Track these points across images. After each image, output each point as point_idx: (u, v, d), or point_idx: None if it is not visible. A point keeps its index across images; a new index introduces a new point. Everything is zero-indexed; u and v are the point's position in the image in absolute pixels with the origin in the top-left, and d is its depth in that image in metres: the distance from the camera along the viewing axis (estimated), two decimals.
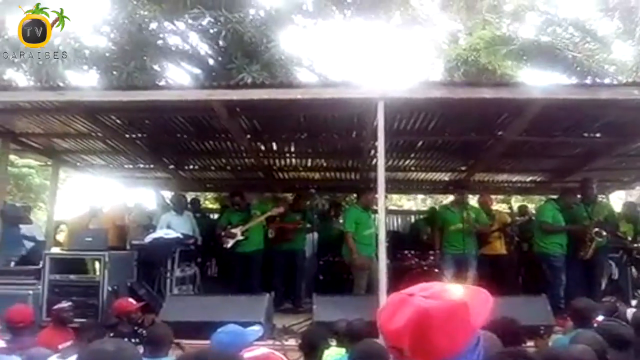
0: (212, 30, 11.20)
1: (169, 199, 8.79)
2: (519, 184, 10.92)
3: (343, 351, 3.67)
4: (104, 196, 14.29)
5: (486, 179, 10.25)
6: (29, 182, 16.54)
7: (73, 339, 4.79)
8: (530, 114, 5.90)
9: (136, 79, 10.36)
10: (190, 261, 7.33)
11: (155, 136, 7.67)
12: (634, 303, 6.46)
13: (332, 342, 4.05)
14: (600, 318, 4.09)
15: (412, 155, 8.64)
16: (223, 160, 9.22)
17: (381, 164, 5.49)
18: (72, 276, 5.99)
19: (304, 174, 10.13)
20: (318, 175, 10.35)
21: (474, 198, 8.95)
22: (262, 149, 8.32)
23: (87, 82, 11.25)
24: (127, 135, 7.55)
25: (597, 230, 6.47)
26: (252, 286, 7.10)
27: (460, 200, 7.26)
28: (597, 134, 7.27)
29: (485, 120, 6.70)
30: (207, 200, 14.47)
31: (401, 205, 18.50)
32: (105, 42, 11.90)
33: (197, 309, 5.48)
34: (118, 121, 6.99)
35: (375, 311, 2.08)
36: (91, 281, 6.00)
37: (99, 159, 9.19)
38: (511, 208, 8.29)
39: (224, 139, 7.68)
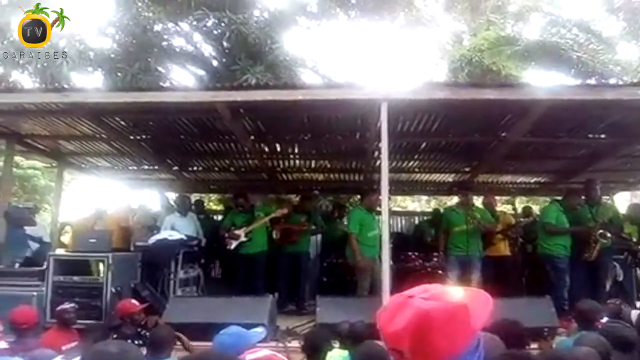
0: (216, 32, 11.24)
1: (173, 201, 8.80)
2: (523, 185, 10.88)
3: (346, 353, 3.67)
4: (108, 198, 14.30)
5: (490, 180, 10.23)
6: (34, 184, 16.57)
7: (77, 340, 4.81)
8: (534, 115, 5.87)
9: (140, 80, 10.39)
10: (193, 263, 7.33)
11: (159, 138, 7.68)
12: (638, 305, 6.42)
13: (335, 344, 4.04)
14: (604, 320, 4.07)
15: (415, 157, 8.62)
16: (227, 161, 9.23)
17: (385, 165, 5.48)
18: (75, 277, 5.99)
19: (307, 175, 10.13)
20: (322, 177, 10.35)
21: (478, 199, 8.93)
22: (266, 150, 8.33)
23: (92, 83, 11.30)
24: (131, 137, 7.57)
25: (601, 231, 6.43)
26: (255, 288, 7.09)
27: (464, 202, 7.25)
28: (602, 135, 7.24)
29: (489, 122, 6.68)
30: (212, 202, 14.49)
31: (405, 206, 18.48)
32: (110, 43, 11.95)
33: (200, 310, 5.47)
34: (122, 123, 7.01)
35: None
36: (95, 282, 6.01)
37: (104, 160, 9.22)
38: (515, 209, 8.25)
39: (227, 140, 7.69)
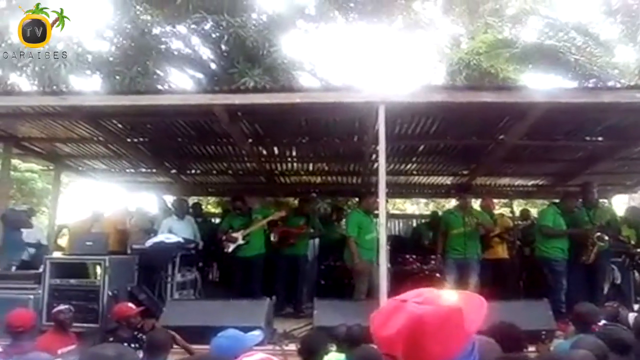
0: (214, 35, 11.24)
1: (170, 204, 8.79)
2: (521, 188, 10.89)
3: (343, 356, 3.65)
4: (105, 201, 14.28)
5: (488, 182, 10.24)
6: (32, 187, 16.54)
7: (75, 344, 4.79)
8: (532, 117, 5.88)
9: (139, 83, 10.38)
10: (191, 266, 7.30)
11: (157, 140, 7.68)
12: (636, 307, 6.42)
13: (332, 347, 4.03)
14: (601, 323, 4.07)
15: (413, 159, 8.63)
16: (225, 164, 9.23)
17: (382, 168, 5.47)
18: (72, 280, 5.97)
19: (305, 178, 10.13)
20: (320, 180, 10.35)
21: (476, 202, 8.92)
22: (264, 153, 8.32)
23: (90, 87, 11.28)
24: (129, 140, 7.57)
25: (599, 234, 6.43)
26: (253, 291, 7.08)
27: (462, 205, 7.24)
28: (599, 138, 7.25)
29: (486, 124, 6.69)
30: (210, 205, 14.48)
31: (404, 209, 18.46)
32: (108, 46, 11.94)
33: (197, 313, 5.46)
34: (120, 126, 7.01)
35: None
36: (91, 285, 5.99)
37: (101, 163, 9.21)
38: (512, 212, 8.25)
39: (225, 143, 7.68)
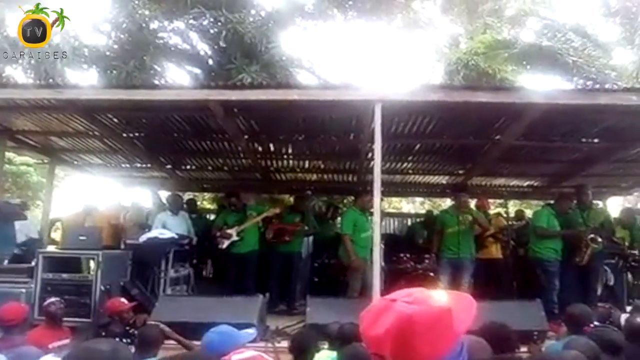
0: (212, 31, 11.22)
1: (165, 199, 8.76)
2: (517, 189, 10.90)
3: (334, 354, 3.64)
4: (100, 195, 14.25)
5: (484, 182, 10.25)
6: (27, 180, 16.49)
7: (69, 338, 4.78)
8: (528, 118, 5.88)
9: (135, 78, 10.36)
10: (184, 261, 7.29)
11: (152, 135, 7.64)
12: (628, 309, 6.43)
13: (324, 345, 4.02)
14: (593, 324, 4.08)
15: (409, 158, 8.62)
16: (220, 160, 9.20)
17: (378, 166, 5.46)
18: (64, 275, 5.95)
19: (301, 175, 10.12)
20: (315, 177, 10.34)
21: (472, 201, 8.92)
22: (260, 150, 8.30)
23: (86, 80, 11.26)
24: (124, 135, 7.54)
25: (592, 236, 6.45)
26: (246, 287, 7.07)
27: (457, 204, 7.25)
28: (596, 139, 7.26)
29: (482, 124, 6.68)
30: (205, 201, 14.46)
31: (400, 208, 18.49)
32: (105, 40, 11.90)
33: (189, 309, 5.44)
34: (115, 120, 6.97)
35: None
36: (84, 280, 5.97)
37: (97, 157, 9.17)
38: (506, 212, 8.26)
39: (221, 139, 7.66)
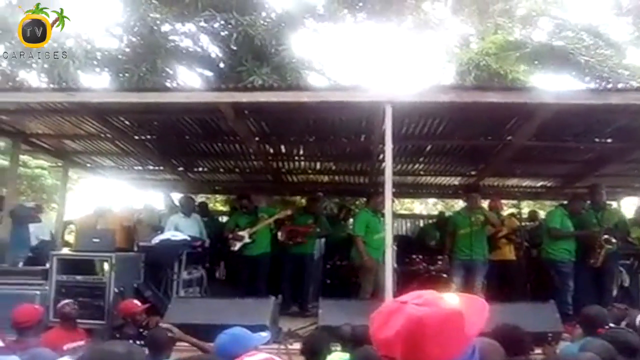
0: (223, 33, 11.25)
1: (177, 201, 8.80)
2: (530, 189, 10.83)
3: (347, 356, 3.63)
4: (112, 197, 14.34)
5: (496, 183, 10.19)
6: (42, 183, 16.66)
7: (84, 340, 4.81)
8: (540, 118, 5.85)
9: (147, 81, 10.41)
10: (197, 263, 7.31)
11: (164, 138, 7.70)
12: None
13: (337, 347, 4.02)
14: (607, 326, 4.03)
15: (421, 159, 8.60)
16: (232, 162, 9.24)
17: (389, 168, 5.45)
18: (78, 277, 5.98)
19: (312, 177, 10.13)
20: (327, 179, 10.35)
21: (485, 202, 8.87)
22: (271, 151, 8.32)
23: (99, 84, 11.34)
24: (136, 137, 7.59)
25: (606, 237, 6.38)
26: (258, 289, 7.09)
27: (470, 204, 7.20)
28: (609, 139, 7.19)
29: (494, 125, 6.66)
30: (218, 203, 14.52)
31: (412, 209, 18.42)
32: (117, 44, 11.99)
33: (202, 311, 5.46)
34: (127, 122, 7.03)
35: None
36: (98, 282, 6.00)
37: (109, 160, 9.25)
38: (519, 213, 8.19)
39: (232, 141, 7.69)
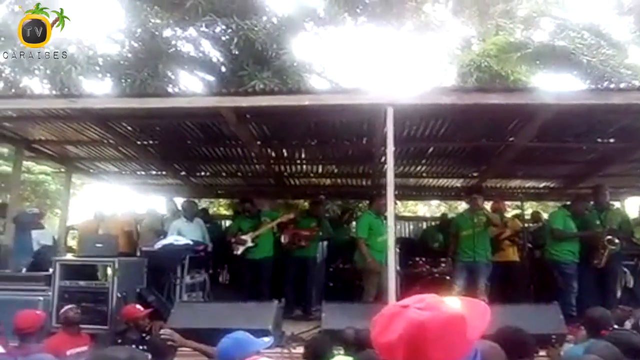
0: (224, 38, 11.30)
1: (180, 205, 8.81)
2: (532, 190, 10.80)
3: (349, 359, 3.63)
4: (115, 202, 14.37)
5: (499, 185, 10.17)
6: (46, 189, 16.73)
7: (87, 345, 4.81)
8: (541, 119, 5.84)
9: (149, 86, 10.45)
10: (200, 268, 7.32)
11: (166, 143, 7.71)
12: None
13: (339, 351, 4.01)
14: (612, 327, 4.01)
15: (423, 162, 8.59)
16: (234, 166, 9.25)
17: (390, 170, 5.44)
18: (81, 282, 6.00)
19: (315, 180, 10.13)
20: (329, 182, 10.34)
21: (488, 204, 8.85)
22: (273, 155, 8.33)
23: (101, 89, 11.38)
24: (138, 142, 7.61)
25: (609, 237, 6.35)
26: (261, 293, 7.09)
27: (472, 206, 7.19)
28: (611, 140, 7.17)
29: (495, 126, 6.64)
30: (221, 207, 14.54)
31: (415, 211, 18.40)
32: (119, 49, 12.03)
33: (205, 315, 5.45)
34: (129, 128, 7.05)
35: None
36: (101, 287, 6.01)
37: (112, 165, 9.27)
38: (523, 214, 8.16)
39: (234, 145, 7.70)
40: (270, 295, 6.77)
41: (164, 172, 9.62)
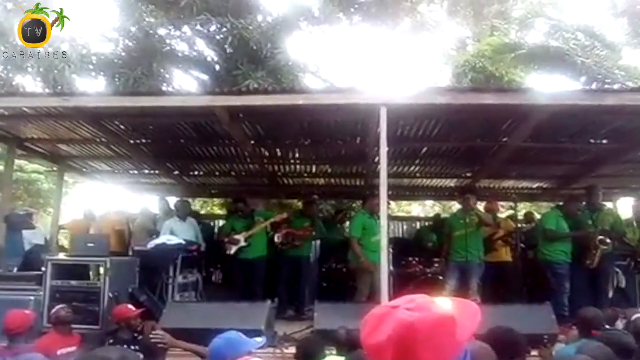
0: (218, 37, 11.26)
1: (173, 205, 8.78)
2: (526, 191, 10.81)
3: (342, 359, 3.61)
4: (105, 201, 14.30)
5: (492, 185, 10.18)
6: (39, 188, 16.63)
7: (77, 345, 4.78)
8: (535, 120, 5.84)
9: (143, 85, 10.41)
10: (193, 268, 7.30)
11: (159, 142, 7.67)
12: None
13: (332, 351, 4.00)
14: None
15: (417, 162, 8.58)
16: (227, 166, 9.21)
17: (384, 170, 5.43)
18: (73, 282, 5.97)
19: (308, 180, 10.11)
20: (323, 182, 10.32)
21: (481, 204, 8.86)
22: (266, 155, 8.30)
23: (95, 88, 11.33)
24: (131, 141, 7.57)
25: (601, 238, 6.38)
26: (255, 293, 7.07)
27: (464, 206, 7.19)
28: (605, 141, 7.19)
29: (489, 127, 6.64)
30: (215, 206, 14.50)
31: (410, 211, 18.41)
32: (113, 48, 11.97)
33: (197, 316, 5.44)
34: (122, 127, 7.00)
35: None
36: (92, 287, 5.98)
37: (105, 164, 9.21)
38: (516, 215, 8.17)
39: (228, 145, 7.67)
40: (263, 296, 6.76)
41: (157, 172, 9.57)
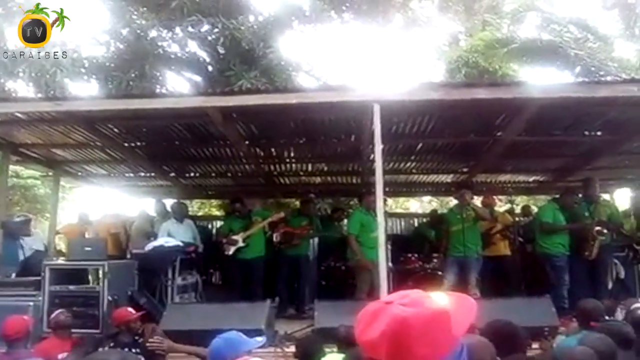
0: (210, 38, 11.23)
1: (169, 207, 8.77)
2: (522, 184, 10.83)
3: (341, 357, 3.61)
4: (101, 205, 14.28)
5: (488, 179, 10.18)
6: (35, 193, 16.58)
7: (69, 348, 4.77)
8: (528, 113, 5.85)
9: (136, 87, 10.37)
10: (191, 269, 7.29)
11: (153, 144, 7.66)
12: None
13: (333, 349, 3.99)
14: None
15: (412, 158, 8.58)
16: (223, 166, 9.20)
17: (379, 167, 5.43)
18: (72, 286, 5.95)
19: (304, 178, 10.11)
20: (319, 180, 10.32)
21: (478, 199, 8.87)
22: (261, 154, 8.29)
23: (87, 91, 11.27)
24: (125, 144, 7.55)
25: (598, 228, 6.40)
26: (254, 293, 7.07)
27: (460, 201, 7.19)
28: (599, 132, 7.20)
29: (483, 121, 6.65)
30: (212, 207, 14.49)
31: (407, 207, 18.43)
32: (104, 51, 11.92)
33: (197, 317, 5.44)
34: (116, 130, 6.99)
35: None
36: (91, 291, 5.96)
37: (100, 168, 9.20)
38: (513, 209, 8.18)
39: (222, 145, 7.66)
40: (262, 295, 6.77)
41: (153, 174, 9.56)
